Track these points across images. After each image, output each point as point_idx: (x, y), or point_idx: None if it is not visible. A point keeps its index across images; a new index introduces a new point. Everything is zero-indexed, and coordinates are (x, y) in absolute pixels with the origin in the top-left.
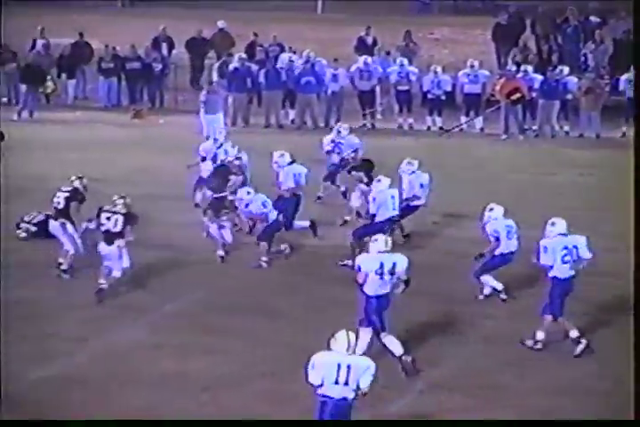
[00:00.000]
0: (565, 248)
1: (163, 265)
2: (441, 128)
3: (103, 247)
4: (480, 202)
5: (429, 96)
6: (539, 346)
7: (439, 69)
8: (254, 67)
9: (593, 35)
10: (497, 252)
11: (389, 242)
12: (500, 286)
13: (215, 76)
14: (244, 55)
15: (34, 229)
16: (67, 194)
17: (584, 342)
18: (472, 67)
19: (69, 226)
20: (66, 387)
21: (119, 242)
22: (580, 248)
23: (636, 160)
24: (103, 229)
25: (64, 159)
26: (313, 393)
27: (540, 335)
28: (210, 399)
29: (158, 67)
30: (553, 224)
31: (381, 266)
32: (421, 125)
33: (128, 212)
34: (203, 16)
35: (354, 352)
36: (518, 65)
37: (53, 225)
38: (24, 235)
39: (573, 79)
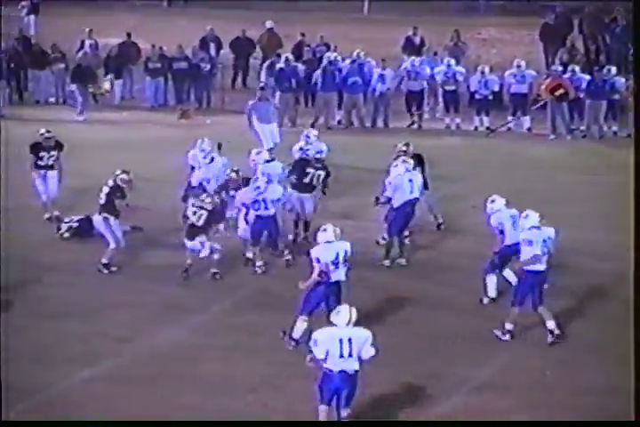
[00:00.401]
0: (543, 241)
1: (208, 265)
2: (488, 128)
3: (187, 242)
4: (523, 202)
5: (477, 96)
6: (507, 337)
7: (486, 69)
8: (300, 67)
9: None
10: (504, 244)
11: (337, 231)
12: (493, 294)
13: (263, 77)
14: (290, 56)
15: (76, 224)
16: (107, 189)
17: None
18: (518, 67)
19: (112, 220)
20: (111, 387)
21: (201, 238)
22: (550, 240)
23: (635, 159)
24: (188, 222)
25: (112, 159)
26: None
27: (509, 326)
28: (255, 400)
29: (206, 67)
30: (526, 217)
31: (337, 256)
32: (469, 126)
33: (214, 209)
34: (249, 16)
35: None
36: (565, 65)
37: (97, 219)
38: (67, 234)
39: (621, 79)
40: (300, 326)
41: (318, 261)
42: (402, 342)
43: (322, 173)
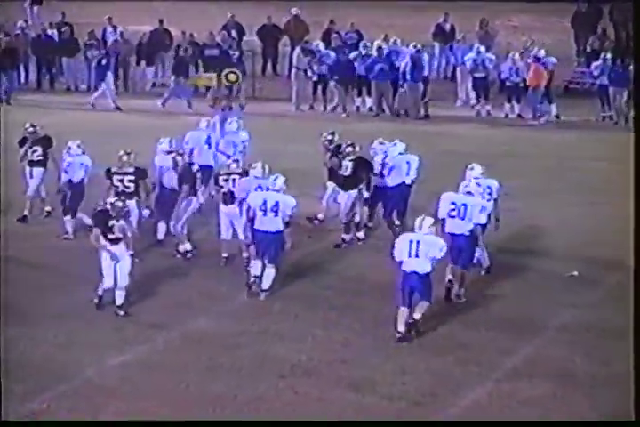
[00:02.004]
0: (453, 204)
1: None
2: (519, 115)
3: (223, 207)
4: (547, 191)
5: (507, 83)
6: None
7: (517, 56)
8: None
9: None
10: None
11: (267, 168)
12: (483, 263)
13: (295, 63)
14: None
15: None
16: (133, 176)
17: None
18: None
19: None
20: (143, 374)
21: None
22: (468, 207)
23: (635, 153)
24: (223, 191)
25: (143, 146)
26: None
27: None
28: (287, 386)
29: (235, 54)
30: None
31: (264, 203)
32: (499, 113)
33: (243, 171)
34: (277, 3)
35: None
36: (596, 52)
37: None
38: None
39: None
40: (254, 267)
41: (249, 206)
42: (430, 331)
43: (349, 164)
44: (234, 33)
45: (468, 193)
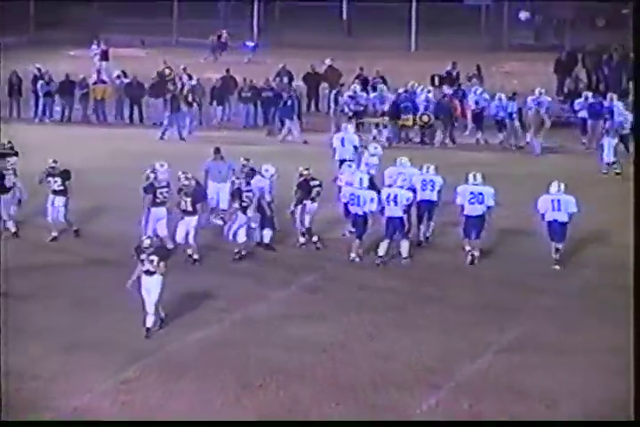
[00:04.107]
0: (472, 193)
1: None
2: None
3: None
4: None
5: (497, 118)
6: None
7: (503, 97)
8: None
9: None
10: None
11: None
12: (468, 247)
13: (332, 103)
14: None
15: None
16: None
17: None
18: (540, 94)
19: None
20: (214, 347)
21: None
22: (485, 194)
23: (635, 160)
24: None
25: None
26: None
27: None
28: (327, 358)
29: (290, 95)
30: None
31: (387, 196)
32: (494, 140)
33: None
34: (320, 54)
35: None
36: (571, 92)
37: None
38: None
39: (620, 103)
40: (384, 244)
41: (380, 200)
42: (439, 313)
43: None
44: (285, 79)
45: (476, 185)
